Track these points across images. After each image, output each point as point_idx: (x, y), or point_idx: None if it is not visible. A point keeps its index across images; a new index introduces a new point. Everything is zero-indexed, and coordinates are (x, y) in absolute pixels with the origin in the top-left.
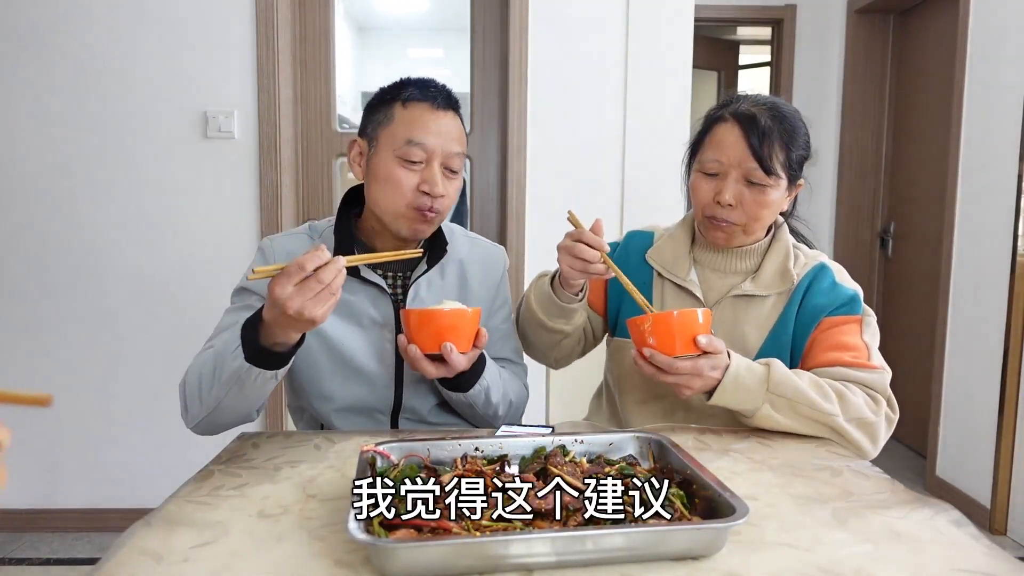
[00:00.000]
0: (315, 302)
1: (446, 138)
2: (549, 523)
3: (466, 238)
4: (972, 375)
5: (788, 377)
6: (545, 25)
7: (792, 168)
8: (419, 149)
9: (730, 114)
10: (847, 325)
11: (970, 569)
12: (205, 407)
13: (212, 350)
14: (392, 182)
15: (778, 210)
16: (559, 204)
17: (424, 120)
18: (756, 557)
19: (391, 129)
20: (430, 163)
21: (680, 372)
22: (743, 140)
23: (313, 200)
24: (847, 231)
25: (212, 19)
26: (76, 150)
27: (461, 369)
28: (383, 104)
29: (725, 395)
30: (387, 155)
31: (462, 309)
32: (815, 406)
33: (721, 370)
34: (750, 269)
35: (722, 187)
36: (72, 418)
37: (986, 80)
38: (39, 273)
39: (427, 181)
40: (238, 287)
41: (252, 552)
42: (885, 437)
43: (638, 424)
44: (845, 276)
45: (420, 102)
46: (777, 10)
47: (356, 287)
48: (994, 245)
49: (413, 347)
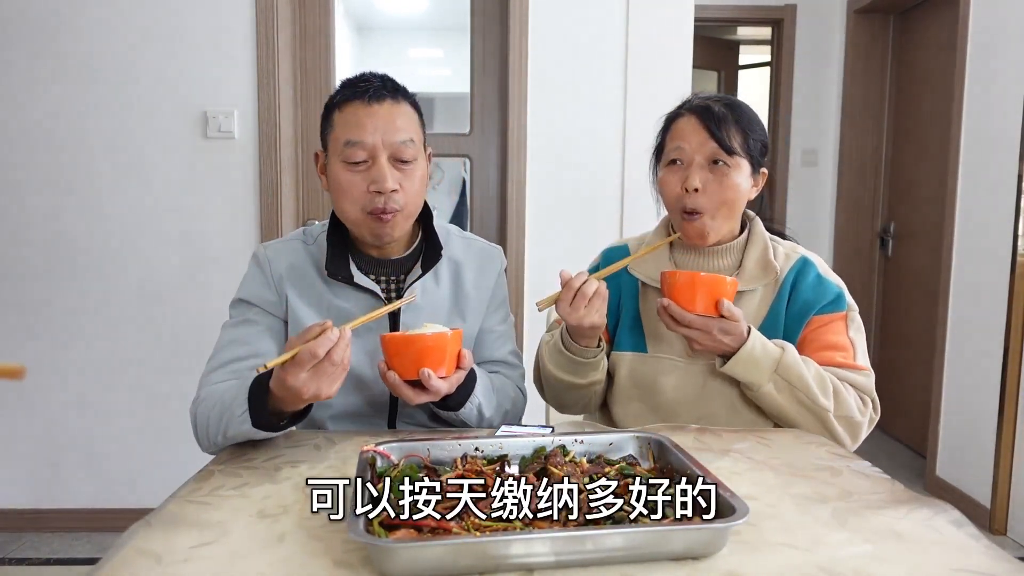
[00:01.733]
0: (330, 382)
1: (384, 130)
2: (549, 523)
3: (461, 239)
4: (972, 375)
5: (797, 364)
6: (545, 25)
7: (751, 152)
8: (358, 148)
9: (686, 109)
10: (835, 323)
11: (970, 569)
12: (216, 447)
13: (218, 395)
14: (342, 188)
15: (745, 196)
16: (559, 204)
17: (357, 117)
18: (756, 557)
19: (333, 135)
20: (375, 159)
21: (691, 325)
22: (701, 126)
23: (313, 200)
24: (847, 231)
25: (212, 19)
26: (76, 150)
27: (442, 394)
28: (326, 112)
29: (737, 366)
30: (334, 162)
31: (442, 332)
32: (814, 398)
33: (734, 337)
34: (732, 267)
35: (688, 174)
36: (72, 418)
37: (986, 80)
38: (39, 272)
39: (374, 180)
40: (236, 299)
41: (252, 552)
42: (864, 435)
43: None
44: (827, 269)
45: (351, 100)
46: (777, 10)
47: (350, 294)
48: (994, 245)
49: (392, 374)
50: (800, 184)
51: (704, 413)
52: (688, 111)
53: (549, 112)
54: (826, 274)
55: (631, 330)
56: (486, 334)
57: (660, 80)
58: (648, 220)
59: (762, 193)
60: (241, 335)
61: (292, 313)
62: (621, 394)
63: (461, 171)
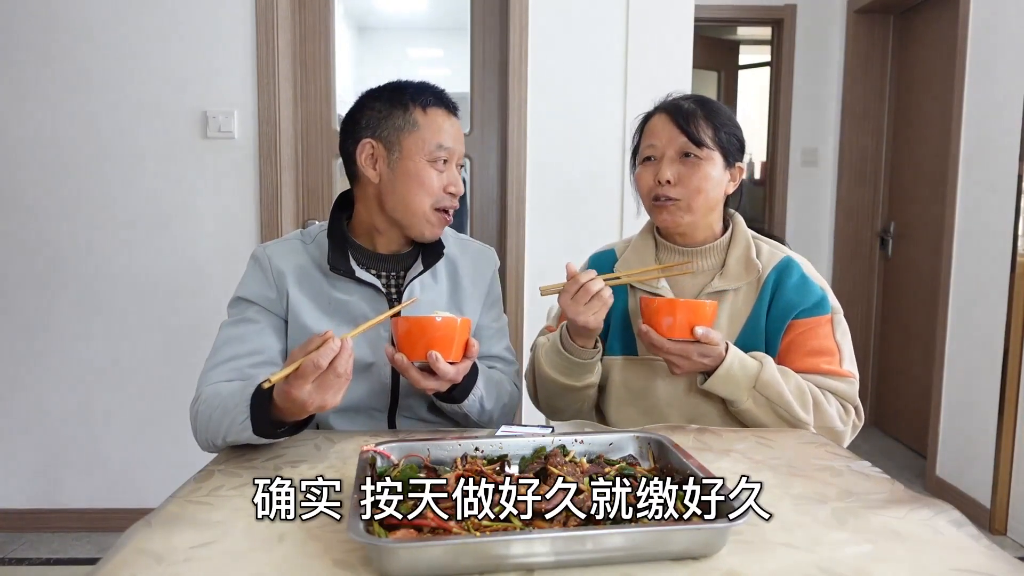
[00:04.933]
0: (335, 393)
1: (459, 140)
2: (549, 523)
3: (456, 239)
4: (972, 375)
5: (775, 379)
6: (545, 25)
7: (723, 144)
8: (446, 152)
9: (658, 109)
10: (820, 327)
11: (970, 569)
12: (215, 447)
13: (218, 398)
14: (424, 184)
15: (718, 187)
16: (559, 204)
17: (446, 124)
18: (756, 557)
19: (419, 134)
20: (450, 164)
21: (668, 351)
22: (671, 122)
23: (313, 200)
24: (847, 231)
25: (212, 19)
26: (76, 150)
27: (450, 380)
28: (396, 108)
29: (716, 384)
30: (418, 160)
31: (451, 318)
32: (792, 413)
33: (713, 359)
34: (716, 266)
35: (660, 167)
36: (72, 418)
37: (986, 80)
38: (39, 272)
39: (452, 182)
40: (235, 297)
41: (252, 552)
42: (848, 442)
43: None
44: (812, 270)
45: (437, 107)
46: (777, 10)
47: (352, 288)
48: (994, 245)
49: (400, 356)
50: (800, 184)
51: (697, 415)
52: (660, 110)
53: (549, 112)
54: (811, 275)
55: (622, 333)
56: (482, 330)
57: (660, 80)
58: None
59: (740, 189)
60: (240, 333)
61: (292, 309)
62: (614, 398)
63: (461, 171)
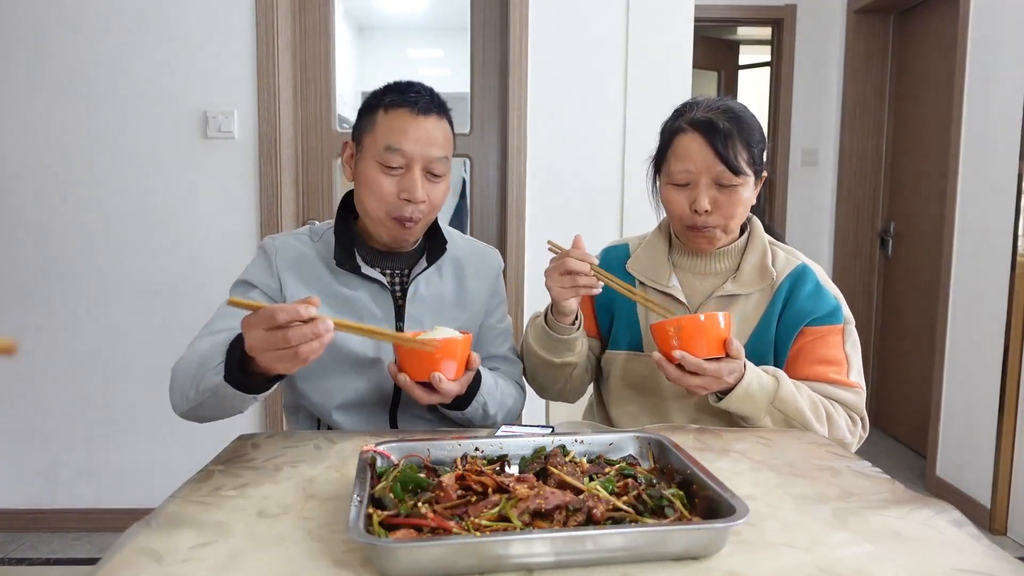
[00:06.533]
0: (276, 357)
1: (426, 143)
2: (549, 523)
3: (462, 239)
4: (972, 375)
5: (792, 395)
6: (545, 25)
7: (756, 163)
8: (398, 155)
9: (688, 124)
10: (831, 336)
11: (970, 569)
12: (188, 403)
13: (201, 350)
14: (373, 188)
15: (750, 205)
16: (559, 204)
17: (403, 125)
18: (756, 557)
19: (373, 135)
20: (410, 169)
21: (705, 374)
22: (707, 147)
23: (313, 200)
24: (847, 231)
25: (212, 19)
26: (76, 150)
27: (453, 396)
28: (368, 109)
29: (733, 402)
30: (369, 161)
31: (453, 337)
32: (808, 425)
33: (736, 375)
34: (730, 269)
35: (696, 195)
36: (72, 418)
37: (986, 80)
38: (39, 272)
39: (406, 189)
40: (238, 280)
41: (252, 552)
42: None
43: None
44: (827, 279)
45: (400, 107)
46: (777, 10)
47: (356, 283)
48: (994, 245)
49: (403, 376)
50: (800, 184)
51: (699, 412)
52: (691, 126)
53: (549, 112)
54: (825, 284)
55: (627, 328)
56: (487, 331)
57: (660, 80)
58: (648, 220)
59: (760, 193)
60: (235, 314)
61: (290, 301)
62: (616, 394)
63: (461, 171)
